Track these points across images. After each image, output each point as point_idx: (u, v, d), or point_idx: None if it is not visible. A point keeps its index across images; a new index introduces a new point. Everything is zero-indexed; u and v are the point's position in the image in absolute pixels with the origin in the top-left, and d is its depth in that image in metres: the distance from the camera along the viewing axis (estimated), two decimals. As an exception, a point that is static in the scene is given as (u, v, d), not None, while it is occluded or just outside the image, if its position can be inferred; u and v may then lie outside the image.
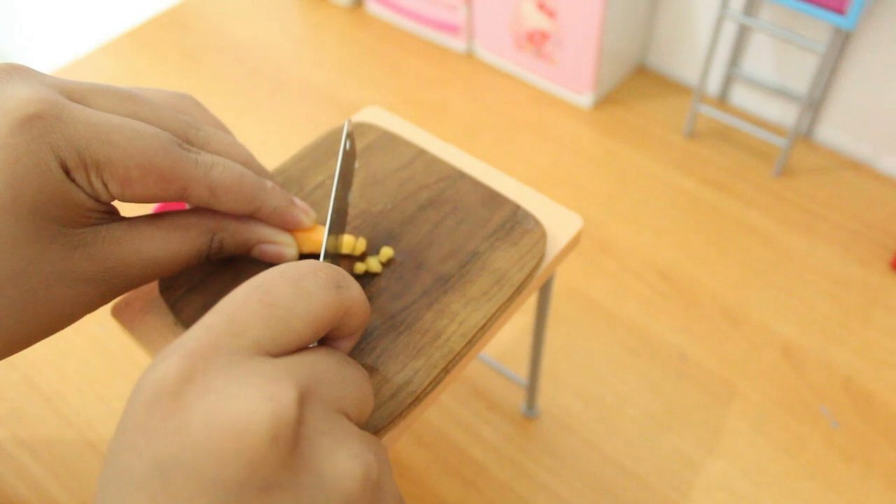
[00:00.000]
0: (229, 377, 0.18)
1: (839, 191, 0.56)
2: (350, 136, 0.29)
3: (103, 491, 0.18)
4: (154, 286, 0.31)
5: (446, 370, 0.27)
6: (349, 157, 0.29)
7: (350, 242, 0.30)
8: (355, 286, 0.22)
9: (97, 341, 0.48)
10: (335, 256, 0.28)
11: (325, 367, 0.21)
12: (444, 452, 0.43)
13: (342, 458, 0.19)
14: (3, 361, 0.47)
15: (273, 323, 0.20)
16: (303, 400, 0.19)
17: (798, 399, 0.45)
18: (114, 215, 0.26)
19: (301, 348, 0.21)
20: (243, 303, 0.20)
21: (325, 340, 0.24)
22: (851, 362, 0.46)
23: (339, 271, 0.22)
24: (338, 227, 0.28)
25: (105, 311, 0.32)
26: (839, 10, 0.46)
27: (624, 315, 0.49)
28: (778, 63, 0.58)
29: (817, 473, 0.42)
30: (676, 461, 0.43)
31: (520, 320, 0.48)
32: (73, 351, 0.47)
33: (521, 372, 0.45)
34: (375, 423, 0.26)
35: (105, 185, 0.24)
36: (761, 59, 0.59)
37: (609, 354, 0.47)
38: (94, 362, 0.47)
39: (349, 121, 0.29)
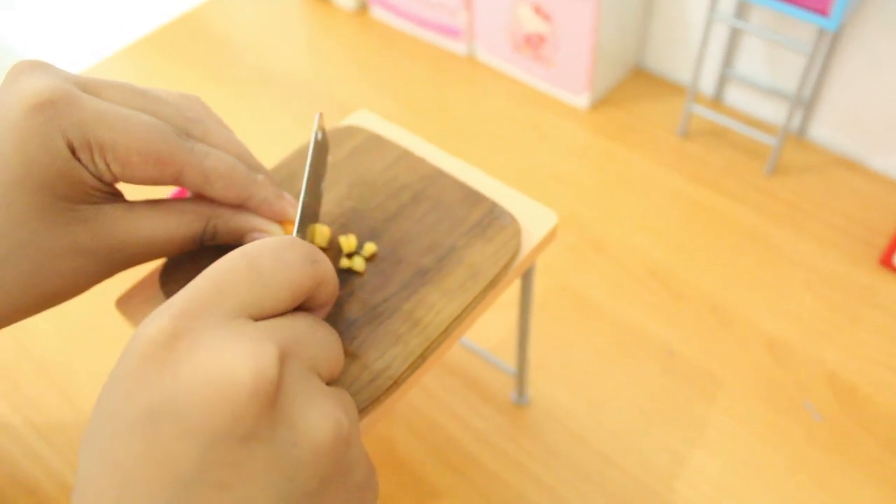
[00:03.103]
0: (217, 335, 0.20)
1: (830, 189, 0.57)
2: (321, 128, 0.31)
3: (94, 433, 0.20)
4: (155, 280, 0.33)
5: (423, 357, 0.29)
6: (321, 147, 0.31)
7: (323, 231, 0.31)
8: (326, 260, 0.25)
9: (108, 334, 0.50)
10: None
11: (300, 329, 0.23)
12: (436, 442, 0.45)
13: (315, 415, 0.21)
14: (21, 351, 0.49)
15: (257, 289, 0.22)
16: (282, 359, 0.21)
17: (782, 394, 0.46)
18: (117, 197, 0.28)
19: (280, 314, 0.23)
20: (230, 269, 0.22)
21: (300, 309, 0.25)
22: (837, 358, 0.47)
23: (312, 247, 0.24)
24: (312, 213, 0.30)
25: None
26: (822, 12, 0.47)
27: (614, 311, 0.50)
28: (770, 63, 0.59)
29: (799, 466, 0.43)
30: (662, 454, 0.44)
31: (512, 314, 0.50)
32: (86, 342, 0.50)
33: (514, 364, 0.47)
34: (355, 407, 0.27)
35: (108, 165, 0.26)
36: (754, 59, 0.60)
37: (598, 349, 0.48)
38: (105, 354, 0.49)
39: (320, 114, 0.31)
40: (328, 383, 0.24)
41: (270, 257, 0.22)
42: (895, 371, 0.47)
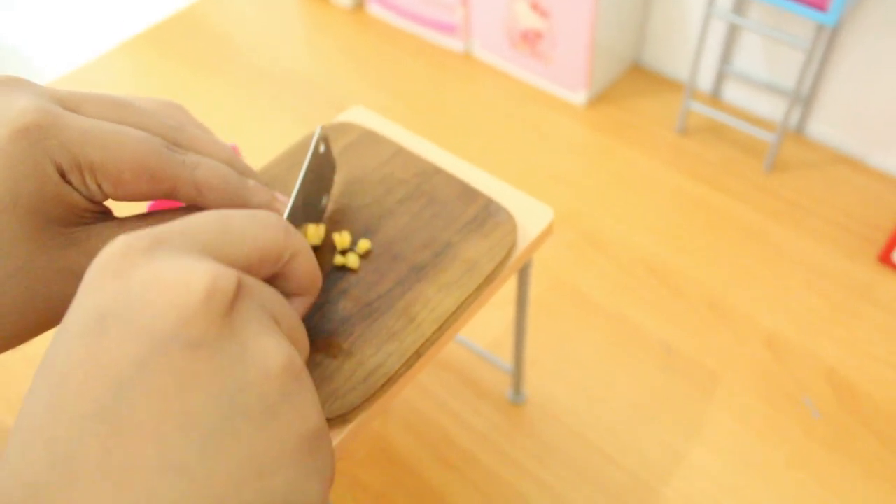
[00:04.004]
0: (177, 254, 0.20)
1: (829, 185, 0.57)
2: (325, 140, 0.30)
3: (50, 345, 0.20)
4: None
5: (418, 354, 0.29)
6: (324, 159, 0.31)
7: (315, 233, 0.31)
8: (304, 240, 0.24)
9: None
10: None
11: (271, 291, 0.22)
12: (432, 439, 0.44)
13: (270, 342, 0.20)
14: (13, 352, 0.49)
15: (224, 234, 0.22)
16: (241, 288, 0.20)
17: (781, 390, 0.46)
18: (107, 215, 0.28)
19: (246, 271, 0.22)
20: (201, 216, 0.22)
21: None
22: (836, 354, 0.47)
23: (287, 222, 0.24)
24: (308, 216, 0.30)
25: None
26: (821, 7, 0.47)
27: (612, 308, 0.50)
28: (769, 59, 0.59)
29: (798, 463, 0.43)
30: (660, 451, 0.44)
31: (509, 311, 0.50)
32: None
33: (511, 362, 0.46)
34: (349, 404, 0.27)
35: (99, 185, 0.26)
36: (753, 55, 0.60)
37: (596, 346, 0.48)
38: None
39: (321, 126, 0.30)
40: None
41: (242, 215, 0.23)
42: (894, 367, 0.46)
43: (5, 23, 1.25)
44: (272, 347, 0.20)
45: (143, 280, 0.19)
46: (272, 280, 0.24)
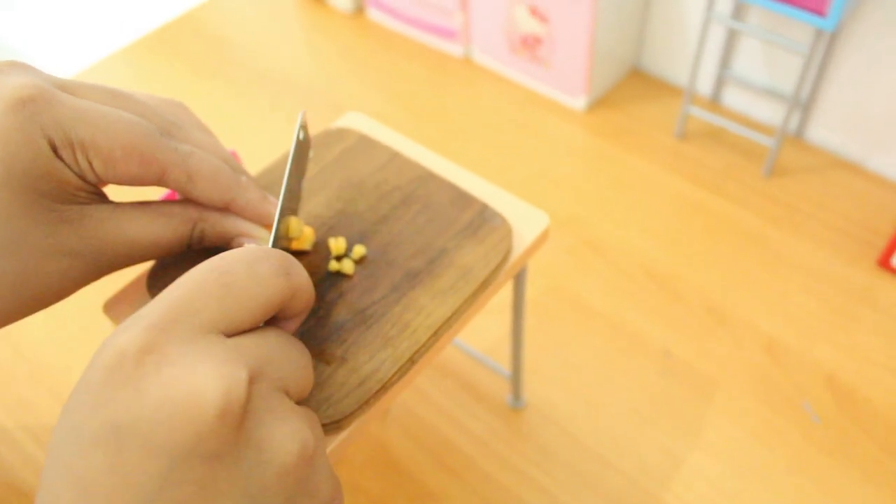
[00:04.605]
0: (186, 352, 0.20)
1: (828, 190, 0.57)
2: (304, 126, 0.30)
3: (60, 442, 0.20)
4: (142, 284, 0.33)
5: (412, 360, 0.29)
6: (303, 145, 0.31)
7: (297, 226, 0.31)
8: (302, 272, 0.24)
9: (103, 336, 0.50)
10: (284, 239, 0.30)
11: (272, 347, 0.22)
12: (431, 444, 0.44)
13: (281, 434, 0.21)
14: (15, 354, 0.49)
15: (228, 303, 0.22)
16: (251, 381, 0.20)
17: (780, 395, 0.46)
18: (102, 198, 0.28)
19: (251, 328, 0.22)
20: (201, 282, 0.22)
21: (273, 321, 0.25)
22: (835, 359, 0.47)
23: (288, 258, 0.24)
24: (289, 209, 0.30)
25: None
26: (820, 12, 0.47)
27: (611, 313, 0.50)
28: (768, 64, 0.59)
29: (798, 468, 0.43)
30: (659, 455, 0.44)
31: (508, 316, 0.50)
32: (80, 345, 0.50)
33: (510, 367, 0.46)
34: (343, 410, 0.27)
35: (90, 163, 0.26)
36: (752, 60, 0.60)
37: (595, 351, 0.48)
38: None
39: (303, 112, 0.30)
40: (297, 402, 0.23)
41: (242, 271, 0.22)
42: (894, 372, 0.46)
43: (5, 24, 1.25)
44: (287, 438, 0.21)
45: (155, 396, 0.19)
46: None
